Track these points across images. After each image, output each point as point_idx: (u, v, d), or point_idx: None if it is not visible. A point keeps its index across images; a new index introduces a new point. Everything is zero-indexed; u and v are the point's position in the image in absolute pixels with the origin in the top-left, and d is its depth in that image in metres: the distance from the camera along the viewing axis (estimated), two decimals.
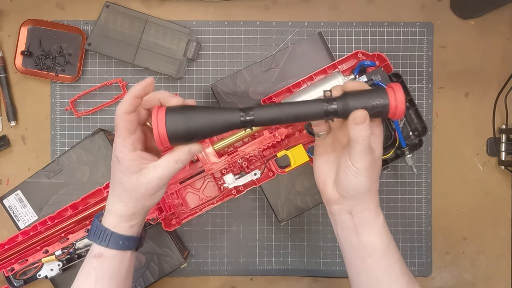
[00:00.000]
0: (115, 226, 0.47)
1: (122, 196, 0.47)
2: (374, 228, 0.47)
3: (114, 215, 0.47)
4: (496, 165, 0.71)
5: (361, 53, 0.65)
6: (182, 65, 0.67)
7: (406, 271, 0.48)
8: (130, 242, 0.48)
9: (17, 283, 0.65)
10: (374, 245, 0.47)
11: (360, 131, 0.42)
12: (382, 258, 0.47)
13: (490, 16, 0.70)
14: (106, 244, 0.47)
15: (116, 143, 0.45)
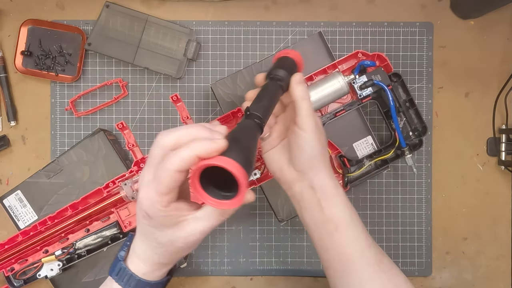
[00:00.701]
0: (144, 274, 0.43)
1: (156, 248, 0.41)
2: (336, 199, 0.49)
3: (145, 263, 0.43)
4: (496, 165, 0.71)
5: (361, 53, 0.65)
6: (182, 65, 0.67)
7: (372, 242, 0.49)
8: (158, 286, 0.45)
9: (17, 283, 0.65)
10: (338, 217, 0.48)
11: (302, 91, 0.47)
12: (348, 230, 0.48)
13: (490, 16, 0.70)
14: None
15: (147, 196, 0.38)
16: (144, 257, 0.43)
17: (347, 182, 0.66)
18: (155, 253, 0.42)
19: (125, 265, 0.43)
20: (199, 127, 0.38)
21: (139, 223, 0.41)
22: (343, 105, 0.66)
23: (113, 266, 0.44)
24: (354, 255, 0.48)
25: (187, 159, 0.35)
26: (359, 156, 0.67)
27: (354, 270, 0.47)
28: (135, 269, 0.43)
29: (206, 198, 0.35)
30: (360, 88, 0.64)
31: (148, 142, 0.69)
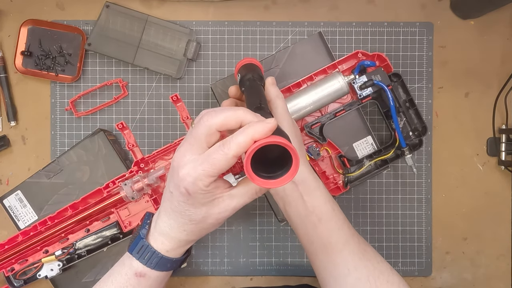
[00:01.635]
0: (167, 251, 0.44)
1: (186, 225, 0.42)
2: (317, 192, 0.49)
3: (170, 240, 0.44)
4: (496, 165, 0.70)
5: (361, 53, 0.65)
6: (182, 65, 0.67)
7: (354, 232, 0.50)
8: (177, 263, 0.46)
9: (17, 283, 0.65)
10: (320, 209, 0.48)
11: (277, 90, 0.52)
12: (331, 221, 0.49)
13: (490, 16, 0.70)
14: (152, 266, 0.44)
15: (192, 175, 0.38)
16: (169, 234, 0.43)
17: (347, 182, 0.66)
18: (183, 230, 0.43)
19: (148, 242, 0.44)
20: (244, 109, 0.39)
21: (171, 200, 0.41)
22: (343, 105, 0.66)
23: (134, 243, 0.44)
24: (339, 245, 0.48)
25: (244, 144, 0.36)
26: (359, 156, 0.67)
27: (340, 259, 0.48)
28: (158, 246, 0.44)
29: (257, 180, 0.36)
30: (360, 88, 0.64)
31: (148, 142, 0.69)
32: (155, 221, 0.45)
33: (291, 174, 0.36)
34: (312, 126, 0.65)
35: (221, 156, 0.37)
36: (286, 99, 0.63)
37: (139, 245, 0.44)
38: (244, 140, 0.36)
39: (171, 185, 0.41)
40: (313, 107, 0.63)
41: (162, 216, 0.44)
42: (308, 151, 0.64)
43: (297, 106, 0.62)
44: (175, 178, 0.40)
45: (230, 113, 0.39)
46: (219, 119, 0.39)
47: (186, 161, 0.39)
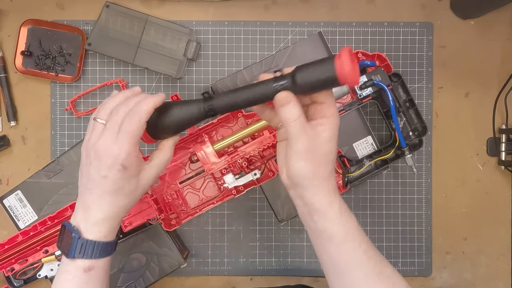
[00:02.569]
0: (105, 236, 0.47)
1: (121, 202, 0.47)
2: (328, 215, 0.46)
3: (105, 225, 0.47)
4: (496, 165, 0.71)
5: (361, 53, 0.65)
6: (182, 65, 0.67)
7: (373, 254, 0.47)
8: (114, 246, 0.49)
9: (17, 283, 0.65)
10: (332, 230, 0.46)
11: (287, 113, 0.42)
12: (343, 244, 0.46)
13: (490, 16, 0.70)
14: (98, 255, 0.47)
15: (122, 150, 0.45)
16: (104, 219, 0.47)
17: (347, 182, 0.66)
18: (117, 208, 0.47)
19: (85, 238, 0.46)
20: (139, 92, 0.49)
21: (104, 184, 0.46)
22: (343, 105, 0.66)
23: (72, 247, 0.46)
24: (351, 265, 0.46)
25: (149, 111, 0.46)
26: (359, 156, 0.67)
27: (349, 279, 0.46)
28: (96, 236, 0.47)
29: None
30: (360, 88, 0.64)
31: None
32: (84, 218, 0.47)
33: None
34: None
35: (136, 125, 0.45)
36: None
37: (79, 245, 0.46)
38: (148, 108, 0.46)
39: (103, 170, 0.45)
40: None
41: (93, 207, 0.47)
42: None
43: None
44: (109, 161, 0.45)
45: (141, 97, 0.47)
46: (133, 103, 0.47)
47: (113, 144, 0.45)
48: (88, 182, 0.47)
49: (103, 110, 0.47)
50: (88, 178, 0.47)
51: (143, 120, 0.45)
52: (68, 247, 0.47)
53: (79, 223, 0.47)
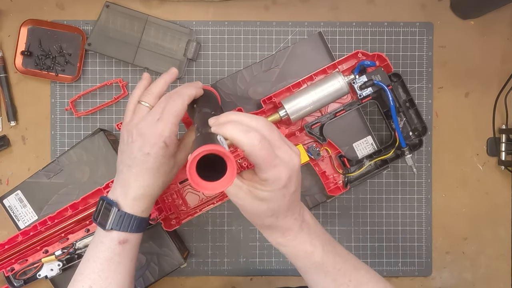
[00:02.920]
0: (142, 211, 0.50)
1: (160, 179, 0.50)
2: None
3: (144, 200, 0.50)
4: (496, 165, 0.71)
5: (361, 53, 0.65)
6: (182, 65, 0.67)
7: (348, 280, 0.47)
8: (147, 223, 0.52)
9: (17, 283, 0.65)
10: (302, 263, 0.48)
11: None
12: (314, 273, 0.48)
13: (490, 16, 0.70)
14: (134, 230, 0.50)
15: (166, 129, 0.48)
16: (144, 194, 0.50)
17: (347, 182, 0.66)
18: (157, 185, 0.50)
19: (124, 211, 0.49)
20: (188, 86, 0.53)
21: (146, 161, 0.48)
22: (343, 105, 0.66)
23: (110, 219, 0.49)
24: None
25: (191, 94, 0.50)
26: (359, 156, 0.67)
27: None
28: (135, 210, 0.50)
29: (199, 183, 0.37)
30: (360, 88, 0.64)
31: None
32: (123, 193, 0.50)
33: (226, 180, 0.37)
34: (312, 126, 0.65)
35: (180, 106, 0.49)
36: (286, 99, 0.63)
37: (117, 217, 0.49)
38: (191, 92, 0.50)
39: (146, 147, 0.48)
40: (313, 107, 0.63)
41: (133, 182, 0.50)
42: (308, 151, 0.64)
43: (297, 106, 0.62)
44: (152, 138, 0.48)
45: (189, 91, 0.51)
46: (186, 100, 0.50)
47: (157, 124, 0.48)
48: (129, 159, 0.49)
49: (150, 94, 0.51)
50: (129, 156, 0.49)
51: (186, 102, 0.49)
52: (106, 219, 0.49)
53: (117, 198, 0.50)
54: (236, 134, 0.38)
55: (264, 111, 0.64)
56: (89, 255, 0.51)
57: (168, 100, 0.50)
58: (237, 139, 0.38)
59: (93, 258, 0.50)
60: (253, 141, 0.38)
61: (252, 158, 0.39)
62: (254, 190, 0.42)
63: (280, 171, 0.40)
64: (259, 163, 0.40)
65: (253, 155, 0.39)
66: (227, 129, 0.39)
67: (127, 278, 0.51)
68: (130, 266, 0.51)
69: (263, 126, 0.41)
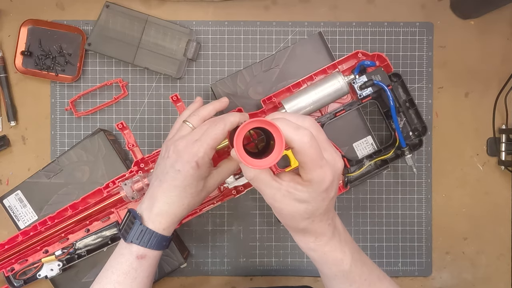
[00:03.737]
0: (164, 229, 0.50)
1: (186, 199, 0.50)
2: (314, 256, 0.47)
3: (167, 218, 0.50)
4: (496, 165, 0.70)
5: (361, 53, 0.65)
6: (182, 65, 0.67)
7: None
8: (168, 243, 0.52)
9: (17, 283, 0.65)
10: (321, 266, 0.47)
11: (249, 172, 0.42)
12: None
13: (490, 16, 0.70)
14: (153, 246, 0.50)
15: (200, 150, 0.48)
16: (168, 212, 0.50)
17: (347, 182, 0.66)
18: (182, 204, 0.50)
19: (146, 226, 0.49)
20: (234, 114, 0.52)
21: (176, 178, 0.49)
22: (343, 105, 0.66)
23: (132, 231, 0.49)
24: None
25: (235, 122, 0.50)
26: (359, 156, 0.67)
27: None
28: (156, 226, 0.50)
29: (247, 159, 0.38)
30: (360, 88, 0.64)
31: (148, 142, 0.69)
32: (148, 208, 0.50)
33: (274, 157, 0.37)
34: None
35: (220, 130, 0.49)
36: (286, 99, 0.63)
37: (138, 231, 0.49)
38: (234, 119, 0.50)
39: (178, 164, 0.49)
40: (313, 107, 0.63)
41: (160, 197, 0.50)
42: None
43: (297, 106, 0.62)
44: (185, 157, 0.48)
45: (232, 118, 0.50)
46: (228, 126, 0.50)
47: (193, 144, 0.49)
48: (161, 173, 0.50)
49: (196, 116, 0.53)
50: (162, 170, 0.50)
51: (227, 128, 0.49)
52: (128, 231, 0.50)
53: (143, 211, 0.51)
54: (287, 130, 0.38)
55: (264, 111, 0.64)
56: (109, 264, 0.51)
57: (210, 124, 0.50)
58: (288, 135, 0.38)
59: (112, 269, 0.50)
60: (304, 138, 0.38)
61: (301, 156, 0.39)
62: (294, 191, 0.41)
63: (325, 173, 0.40)
64: (306, 162, 0.39)
65: (302, 153, 0.38)
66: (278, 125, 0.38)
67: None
68: (145, 282, 0.50)
69: (311, 125, 0.40)
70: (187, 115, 0.54)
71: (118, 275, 0.49)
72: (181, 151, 0.49)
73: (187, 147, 0.49)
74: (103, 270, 0.51)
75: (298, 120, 0.40)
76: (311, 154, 0.38)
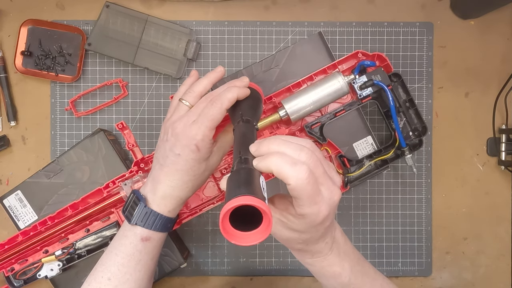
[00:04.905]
0: (169, 211, 0.50)
1: (189, 182, 0.49)
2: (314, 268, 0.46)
3: (172, 200, 0.50)
4: (496, 165, 0.70)
5: (361, 53, 0.65)
6: (182, 65, 0.68)
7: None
8: (173, 224, 0.52)
9: (17, 283, 0.65)
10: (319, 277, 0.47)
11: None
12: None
13: (490, 16, 0.70)
14: (158, 228, 0.49)
15: (199, 132, 0.47)
16: (172, 195, 0.49)
17: (347, 182, 0.66)
18: (186, 187, 0.49)
19: (151, 208, 0.49)
20: (233, 87, 0.50)
21: (177, 161, 0.48)
22: (343, 105, 0.66)
23: (137, 213, 0.49)
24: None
25: (232, 99, 0.48)
26: (359, 156, 0.67)
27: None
28: (162, 209, 0.49)
29: (234, 237, 0.34)
30: (360, 88, 0.64)
31: (148, 142, 0.69)
32: (152, 191, 0.50)
33: (260, 234, 0.33)
34: (312, 126, 0.65)
35: (217, 110, 0.47)
36: (286, 99, 0.63)
37: (143, 213, 0.49)
38: (232, 96, 0.48)
39: (178, 148, 0.48)
40: (313, 107, 0.63)
41: (163, 181, 0.49)
42: None
43: (297, 106, 0.62)
44: (184, 140, 0.47)
45: (230, 95, 0.48)
46: (225, 105, 0.48)
47: (191, 126, 0.48)
48: (162, 157, 0.49)
49: (191, 93, 0.50)
50: (162, 154, 0.49)
51: (224, 107, 0.47)
52: (132, 213, 0.49)
53: (147, 194, 0.50)
54: (282, 168, 0.35)
55: (264, 111, 0.64)
56: (112, 246, 0.51)
57: (207, 103, 0.49)
58: (283, 173, 0.35)
59: (115, 251, 0.50)
60: (301, 174, 0.35)
61: (296, 193, 0.36)
62: (287, 221, 0.39)
63: (320, 209, 0.37)
64: (302, 198, 0.36)
65: (298, 190, 0.36)
66: (271, 162, 0.35)
67: (145, 276, 0.50)
68: (150, 264, 0.51)
69: (310, 156, 0.36)
70: (183, 91, 0.52)
71: (122, 257, 0.49)
72: (179, 134, 0.48)
73: (185, 129, 0.48)
74: (106, 252, 0.51)
75: (295, 151, 0.36)
76: (307, 191, 0.36)
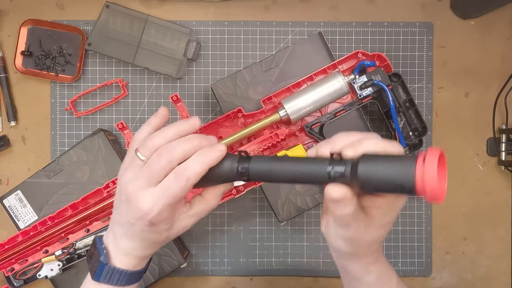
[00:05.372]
0: (134, 266, 0.45)
1: (150, 247, 0.44)
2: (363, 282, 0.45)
3: (135, 258, 0.44)
4: (496, 165, 0.70)
5: (361, 53, 0.65)
6: (182, 65, 0.68)
7: None
8: (142, 274, 0.47)
9: (17, 283, 0.65)
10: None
11: (338, 210, 0.36)
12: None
13: (490, 16, 0.70)
14: (124, 283, 0.44)
15: (153, 208, 0.39)
16: (132, 254, 0.44)
17: None
18: (146, 248, 0.44)
19: (113, 265, 0.44)
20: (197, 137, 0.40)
21: (132, 228, 0.41)
22: (343, 105, 0.66)
23: (99, 271, 0.44)
24: None
25: (201, 173, 0.38)
26: None
27: None
28: (125, 265, 0.44)
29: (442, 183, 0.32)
30: (360, 88, 0.64)
31: None
32: (115, 244, 0.44)
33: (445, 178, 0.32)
34: (312, 126, 0.65)
35: (181, 187, 0.38)
36: (286, 99, 0.63)
37: (105, 271, 0.43)
38: (201, 169, 0.38)
39: (130, 216, 0.40)
40: (313, 107, 0.63)
41: (122, 240, 0.43)
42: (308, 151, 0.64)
43: (297, 106, 0.62)
44: (136, 212, 0.40)
45: (188, 146, 0.39)
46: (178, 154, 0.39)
47: (144, 195, 0.39)
48: (120, 217, 0.43)
49: (148, 146, 0.40)
50: (119, 214, 0.43)
51: (190, 183, 0.38)
52: (95, 269, 0.44)
53: (109, 245, 0.44)
54: (379, 144, 0.34)
55: (264, 111, 0.64)
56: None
57: (166, 171, 0.39)
58: (386, 146, 0.34)
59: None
60: (400, 149, 0.35)
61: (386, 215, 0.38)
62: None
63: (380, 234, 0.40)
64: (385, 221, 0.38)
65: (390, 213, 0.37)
66: (365, 145, 0.34)
67: None
68: None
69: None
70: (142, 137, 0.42)
71: None
72: (131, 201, 0.40)
73: (138, 198, 0.39)
74: None
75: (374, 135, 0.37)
76: (393, 217, 0.37)
